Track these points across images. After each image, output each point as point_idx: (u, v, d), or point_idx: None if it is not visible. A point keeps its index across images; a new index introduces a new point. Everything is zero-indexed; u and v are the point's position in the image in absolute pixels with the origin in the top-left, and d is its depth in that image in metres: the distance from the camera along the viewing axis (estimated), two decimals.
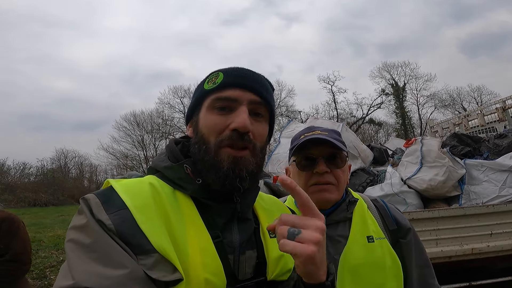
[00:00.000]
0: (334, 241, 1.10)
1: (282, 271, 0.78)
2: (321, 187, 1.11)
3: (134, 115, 31.81)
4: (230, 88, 0.77)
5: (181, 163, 0.76)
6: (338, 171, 1.13)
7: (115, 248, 0.60)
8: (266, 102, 0.80)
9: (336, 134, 1.19)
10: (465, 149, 4.01)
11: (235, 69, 0.81)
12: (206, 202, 0.75)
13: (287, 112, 30.21)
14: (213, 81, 0.79)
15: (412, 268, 1.11)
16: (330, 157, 1.12)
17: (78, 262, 0.58)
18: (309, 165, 1.13)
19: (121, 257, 0.59)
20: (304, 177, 1.14)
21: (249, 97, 0.77)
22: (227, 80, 0.77)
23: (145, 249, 0.62)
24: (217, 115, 0.76)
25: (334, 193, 1.11)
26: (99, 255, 0.59)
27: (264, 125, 0.81)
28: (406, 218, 1.20)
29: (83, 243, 0.60)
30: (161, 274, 0.61)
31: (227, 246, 0.73)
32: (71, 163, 33.39)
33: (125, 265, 0.58)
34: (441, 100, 29.69)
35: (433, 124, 8.75)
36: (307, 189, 1.12)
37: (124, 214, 0.64)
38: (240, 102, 0.76)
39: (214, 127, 0.75)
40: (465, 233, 2.94)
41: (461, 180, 3.46)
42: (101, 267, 0.57)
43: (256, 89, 0.79)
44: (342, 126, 3.99)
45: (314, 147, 1.12)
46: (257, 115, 0.78)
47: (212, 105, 0.77)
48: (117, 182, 0.72)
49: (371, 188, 3.45)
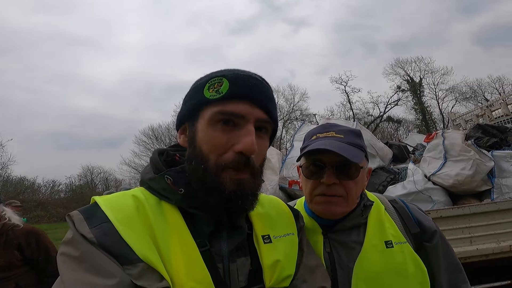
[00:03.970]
0: (348, 247, 1.00)
1: (280, 278, 0.75)
2: (327, 199, 0.99)
3: (152, 129, 32.52)
4: (236, 101, 0.71)
5: (162, 174, 0.75)
6: (349, 182, 0.98)
7: (103, 259, 0.62)
8: (273, 120, 0.77)
9: (355, 136, 1.04)
10: (491, 140, 3.76)
11: (241, 76, 0.74)
12: (191, 212, 0.74)
13: (302, 115, 30.01)
14: (215, 89, 0.72)
15: (441, 274, 1.01)
16: (341, 166, 0.98)
17: (70, 272, 0.61)
18: (316, 173, 1.00)
19: (110, 267, 0.61)
20: (311, 185, 1.02)
21: (258, 114, 0.73)
22: (233, 91, 0.71)
23: (130, 259, 0.63)
24: (220, 131, 0.71)
25: (342, 206, 1.00)
26: (89, 266, 0.61)
27: (266, 141, 0.79)
28: (430, 219, 1.09)
29: (73, 256, 0.63)
30: (148, 282, 0.62)
31: (215, 255, 0.72)
32: (97, 179, 34.64)
33: (114, 275, 0.60)
34: (462, 93, 28.58)
35: (455, 117, 8.38)
36: (312, 198, 1.03)
37: (106, 227, 0.66)
38: (247, 120, 0.71)
39: (217, 146, 0.71)
40: (501, 229, 2.79)
41: (491, 173, 3.26)
42: (93, 276, 0.60)
43: (264, 104, 0.74)
44: (356, 125, 3.86)
45: (324, 152, 0.98)
46: (260, 129, 0.75)
47: (214, 118, 0.71)
48: (101, 197, 0.74)
49: (392, 187, 3.30)
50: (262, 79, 0.78)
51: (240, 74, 0.75)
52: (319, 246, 1.00)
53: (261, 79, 0.77)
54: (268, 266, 0.75)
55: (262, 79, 0.78)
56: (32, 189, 27.76)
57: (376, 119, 29.09)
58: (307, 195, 1.05)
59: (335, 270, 0.97)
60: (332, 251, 1.00)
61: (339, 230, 1.03)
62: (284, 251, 0.80)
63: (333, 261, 0.98)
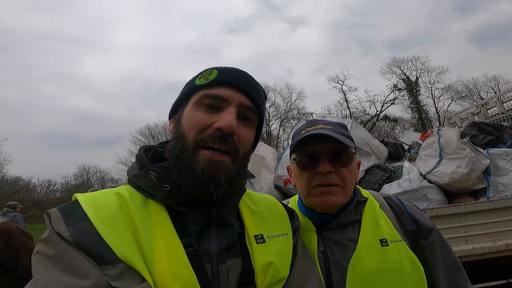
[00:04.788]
0: (342, 246, 0.98)
1: (273, 280, 0.72)
2: (325, 189, 0.98)
3: (148, 128, 32.47)
4: (221, 86, 0.74)
5: (146, 170, 0.73)
6: (344, 170, 0.99)
7: (79, 259, 0.60)
8: (256, 107, 0.77)
9: (342, 127, 1.06)
10: (486, 138, 3.77)
11: (230, 69, 0.79)
12: (177, 209, 0.71)
13: (299, 114, 30.04)
14: (205, 77, 0.76)
15: (439, 273, 0.98)
16: (334, 154, 0.99)
17: (44, 272, 0.59)
18: (311, 164, 1.00)
19: (86, 268, 0.59)
20: (306, 178, 1.01)
21: (240, 99, 0.75)
22: (220, 78, 0.75)
23: (109, 259, 0.61)
24: (203, 112, 0.73)
25: (340, 196, 0.99)
26: (64, 266, 0.59)
27: (251, 131, 0.78)
28: (427, 216, 1.07)
29: (48, 255, 0.61)
30: (127, 284, 0.60)
31: (203, 255, 0.69)
32: (93, 178, 34.52)
33: (89, 276, 0.58)
34: (457, 91, 28.83)
35: (450, 116, 8.41)
36: (309, 191, 1.00)
37: (84, 225, 0.64)
38: (230, 103, 0.73)
39: (197, 123, 0.72)
40: (497, 228, 2.78)
41: (486, 171, 3.27)
42: (67, 276, 0.58)
43: (249, 92, 0.76)
44: (352, 123, 3.86)
45: (316, 143, 0.99)
46: (245, 119, 0.76)
47: (200, 101, 0.74)
48: (83, 195, 0.71)
49: (388, 185, 3.30)
50: (252, 77, 0.80)
51: (231, 67, 0.80)
52: (313, 245, 0.98)
53: (250, 75, 0.80)
54: (261, 268, 0.72)
55: (252, 77, 0.80)
56: (27, 188, 27.81)
57: (373, 118, 29.20)
58: (303, 189, 1.03)
59: (330, 269, 0.95)
60: (326, 250, 0.98)
61: (333, 228, 1.01)
62: (278, 252, 0.78)
63: (327, 260, 0.96)
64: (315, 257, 0.95)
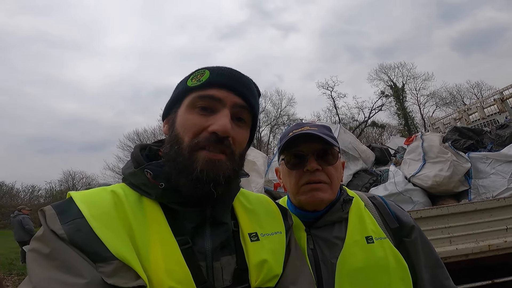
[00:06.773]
0: (330, 243, 1.02)
1: (267, 277, 0.73)
2: (313, 186, 1.03)
3: (137, 134, 31.96)
4: (215, 87, 0.74)
5: (142, 168, 0.73)
6: (330, 168, 1.05)
7: (74, 256, 0.60)
8: (250, 107, 0.77)
9: (326, 129, 1.12)
10: (467, 142, 3.91)
11: (222, 68, 0.78)
12: (172, 207, 0.71)
13: (289, 121, 30.16)
14: (197, 79, 0.76)
15: (422, 270, 1.02)
16: (321, 153, 1.05)
17: (39, 269, 0.59)
18: (299, 163, 1.05)
19: (80, 265, 0.59)
20: (295, 177, 1.06)
21: (234, 99, 0.74)
22: (213, 79, 0.75)
23: (104, 256, 0.61)
24: (197, 114, 0.73)
25: (328, 192, 1.04)
26: (59, 263, 0.59)
27: (245, 131, 0.79)
28: (409, 215, 1.12)
29: (43, 253, 0.61)
30: (122, 281, 0.60)
31: (197, 253, 0.70)
32: (79, 184, 33.70)
33: (84, 274, 0.58)
34: (442, 98, 29.59)
35: (434, 121, 8.65)
36: (298, 189, 1.05)
37: (79, 223, 0.64)
38: (224, 104, 0.73)
39: (192, 127, 0.72)
40: (479, 229, 2.85)
41: (468, 174, 3.38)
42: (62, 274, 0.58)
43: (242, 92, 0.76)
44: (340, 128, 3.93)
45: (303, 144, 1.05)
46: (239, 120, 0.76)
47: (193, 103, 0.74)
48: (77, 192, 0.72)
49: (374, 189, 3.38)
50: (244, 75, 0.80)
51: (223, 67, 0.79)
52: (303, 243, 1.02)
53: (243, 74, 0.80)
54: (255, 265, 0.73)
55: (244, 75, 0.80)
56: (10, 194, 26.78)
57: (361, 124, 29.64)
58: (293, 188, 1.07)
59: (319, 266, 0.98)
60: (315, 247, 1.01)
61: (322, 226, 1.05)
62: (272, 249, 0.79)
63: (316, 258, 0.99)
64: (305, 255, 0.98)
